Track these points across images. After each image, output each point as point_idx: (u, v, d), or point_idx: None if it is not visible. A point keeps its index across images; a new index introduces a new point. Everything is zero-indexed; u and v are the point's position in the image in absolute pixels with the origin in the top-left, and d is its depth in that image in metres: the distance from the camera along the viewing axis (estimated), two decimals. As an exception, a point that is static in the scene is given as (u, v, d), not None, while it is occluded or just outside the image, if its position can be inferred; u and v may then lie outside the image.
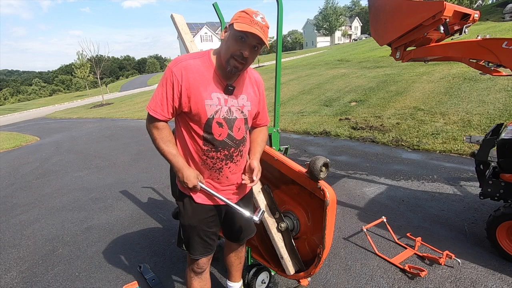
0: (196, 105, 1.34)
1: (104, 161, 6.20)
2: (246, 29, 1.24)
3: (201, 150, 1.41)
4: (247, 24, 1.25)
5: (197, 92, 1.33)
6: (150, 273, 2.42)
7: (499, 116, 5.39)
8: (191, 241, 1.56)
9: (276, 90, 2.15)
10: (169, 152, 1.40)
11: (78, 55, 24.27)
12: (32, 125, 14.72)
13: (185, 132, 1.43)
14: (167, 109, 1.36)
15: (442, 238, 2.58)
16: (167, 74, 1.34)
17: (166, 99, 1.34)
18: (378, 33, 2.71)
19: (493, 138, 2.33)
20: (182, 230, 1.62)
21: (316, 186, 1.58)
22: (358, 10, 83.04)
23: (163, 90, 1.34)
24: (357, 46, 25.63)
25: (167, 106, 1.35)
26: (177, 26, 1.97)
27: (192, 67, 1.34)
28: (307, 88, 11.66)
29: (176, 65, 1.33)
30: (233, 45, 1.29)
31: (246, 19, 1.26)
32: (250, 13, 1.28)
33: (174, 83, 1.32)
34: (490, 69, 2.38)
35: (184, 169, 1.40)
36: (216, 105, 1.36)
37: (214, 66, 1.37)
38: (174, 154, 1.41)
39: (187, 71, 1.32)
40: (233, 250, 1.84)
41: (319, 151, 5.41)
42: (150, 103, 1.38)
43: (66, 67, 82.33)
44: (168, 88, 1.33)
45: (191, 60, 1.36)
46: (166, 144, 1.40)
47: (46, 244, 3.11)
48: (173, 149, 1.41)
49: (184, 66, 1.33)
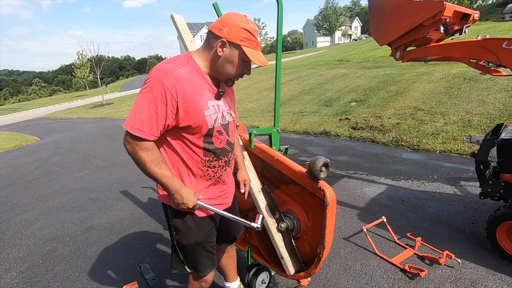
0: (196, 117, 1.23)
1: (104, 161, 6.20)
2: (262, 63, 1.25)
3: (201, 161, 1.33)
4: (255, 49, 1.25)
5: (195, 104, 1.22)
6: (150, 273, 2.42)
7: (499, 116, 5.39)
8: (199, 258, 1.48)
9: (276, 90, 2.15)
10: (164, 175, 1.25)
11: (78, 55, 24.33)
12: (32, 125, 14.73)
13: (178, 146, 1.30)
14: (157, 128, 1.19)
15: (442, 238, 2.58)
16: (156, 87, 1.14)
17: (156, 116, 1.16)
18: (378, 33, 2.71)
19: (493, 138, 2.33)
20: (184, 250, 1.47)
21: (316, 186, 1.58)
22: (358, 10, 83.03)
23: (150, 106, 1.15)
24: (357, 46, 25.64)
25: (157, 124, 1.18)
26: (177, 26, 1.97)
27: (184, 76, 1.20)
28: (307, 88, 11.66)
29: (167, 76, 1.15)
30: (239, 67, 1.28)
31: (253, 43, 1.24)
32: (254, 33, 1.24)
33: (167, 98, 1.15)
34: (490, 69, 2.38)
35: (182, 190, 1.27)
36: (214, 113, 1.30)
37: (203, 73, 1.28)
38: (169, 175, 1.26)
39: (181, 83, 1.17)
40: (224, 252, 1.84)
41: (319, 151, 5.41)
42: (132, 122, 1.16)
43: (66, 67, 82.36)
44: (159, 104, 1.15)
45: (180, 68, 1.20)
46: (159, 166, 1.23)
47: (46, 244, 3.11)
48: (167, 171, 1.26)
49: (176, 77, 1.17)
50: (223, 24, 1.22)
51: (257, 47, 1.26)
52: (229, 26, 1.21)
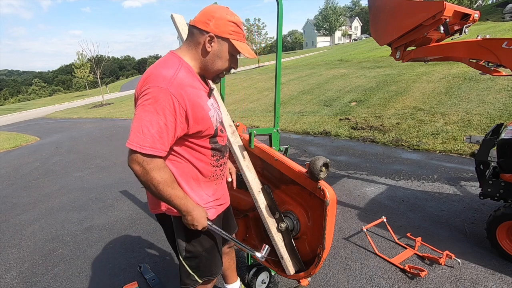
0: (203, 121, 1.19)
1: (104, 161, 6.20)
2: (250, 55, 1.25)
3: (210, 162, 1.31)
4: (243, 42, 1.23)
5: (200, 108, 1.18)
6: (150, 273, 2.43)
7: (499, 116, 5.39)
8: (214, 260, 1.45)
9: (276, 90, 2.15)
10: (177, 196, 1.15)
11: (78, 55, 24.35)
12: (32, 125, 14.73)
13: (186, 153, 1.24)
14: (168, 142, 1.10)
15: (442, 238, 2.58)
16: (162, 97, 1.05)
17: (166, 129, 1.07)
18: (378, 33, 2.71)
19: (493, 138, 2.33)
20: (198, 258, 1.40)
21: (316, 186, 1.58)
22: (358, 10, 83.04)
23: (159, 119, 1.05)
24: (357, 46, 25.64)
25: (168, 138, 1.09)
26: (177, 26, 1.97)
27: (185, 81, 1.14)
28: (307, 88, 11.66)
29: (171, 84, 1.08)
30: (228, 62, 1.25)
31: (240, 35, 1.22)
32: (240, 25, 1.22)
33: (176, 108, 1.08)
34: (490, 69, 2.38)
35: (195, 211, 1.21)
36: (214, 113, 1.28)
37: (195, 73, 1.23)
38: (182, 196, 1.17)
39: (185, 89, 1.12)
40: (225, 254, 1.83)
41: (319, 151, 5.41)
42: (141, 139, 1.04)
43: (66, 67, 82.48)
44: (168, 115, 1.07)
45: (178, 73, 1.14)
46: (172, 187, 1.14)
47: (46, 244, 3.11)
48: (180, 191, 1.17)
49: (180, 84, 1.11)
50: (208, 18, 1.16)
51: (244, 40, 1.24)
52: (215, 20, 1.16)
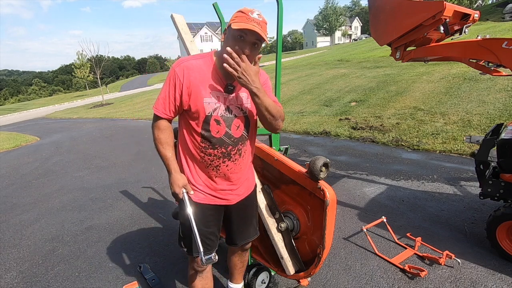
0: (195, 102, 1.38)
1: (104, 161, 6.20)
2: (244, 27, 1.24)
3: (199, 147, 1.45)
4: (244, 22, 1.25)
5: (197, 90, 1.37)
6: (150, 273, 2.42)
7: (499, 116, 5.39)
8: (190, 242, 1.55)
9: (276, 90, 2.15)
10: (165, 155, 1.45)
11: (78, 55, 24.32)
12: (32, 125, 14.73)
13: (185, 130, 1.47)
14: (169, 107, 1.42)
15: (442, 238, 2.58)
16: (170, 74, 1.40)
17: (168, 97, 1.40)
18: (378, 33, 2.71)
19: (493, 138, 2.33)
20: (181, 229, 1.61)
21: (316, 186, 1.58)
22: (358, 10, 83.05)
23: (166, 89, 1.41)
24: (357, 46, 25.65)
25: (169, 104, 1.41)
26: (177, 26, 1.97)
27: (194, 66, 1.39)
28: (307, 88, 11.66)
29: (179, 65, 1.39)
30: (233, 45, 1.29)
31: (243, 18, 1.27)
32: (246, 12, 1.29)
33: (176, 82, 1.38)
34: (490, 69, 2.38)
35: (173, 174, 1.45)
36: (214, 103, 1.39)
37: (215, 66, 1.40)
38: (169, 157, 1.45)
39: (189, 70, 1.37)
40: (236, 253, 1.84)
41: (319, 151, 5.41)
42: (155, 103, 1.45)
43: (66, 67, 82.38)
44: (171, 87, 1.39)
45: (193, 60, 1.41)
46: (163, 146, 1.46)
47: (46, 244, 3.11)
48: (168, 152, 1.46)
49: (187, 66, 1.38)
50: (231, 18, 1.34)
51: (247, 21, 1.26)
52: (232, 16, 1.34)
